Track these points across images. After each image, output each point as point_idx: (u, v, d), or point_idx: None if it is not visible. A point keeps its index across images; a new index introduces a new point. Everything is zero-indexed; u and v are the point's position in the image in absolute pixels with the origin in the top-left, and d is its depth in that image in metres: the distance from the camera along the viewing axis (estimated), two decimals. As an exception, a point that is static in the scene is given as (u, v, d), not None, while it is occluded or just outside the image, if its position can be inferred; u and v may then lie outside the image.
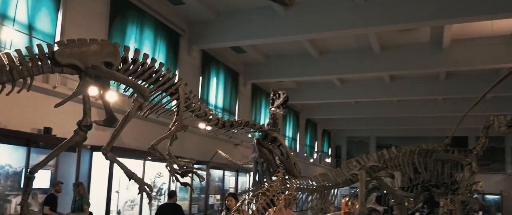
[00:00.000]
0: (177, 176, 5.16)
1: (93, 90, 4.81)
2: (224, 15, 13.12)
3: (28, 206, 4.48)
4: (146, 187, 4.51)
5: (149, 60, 5.02)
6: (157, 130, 6.48)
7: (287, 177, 6.82)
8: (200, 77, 14.32)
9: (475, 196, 13.72)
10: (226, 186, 14.77)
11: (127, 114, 4.66)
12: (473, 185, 11.40)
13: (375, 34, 13.83)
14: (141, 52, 5.02)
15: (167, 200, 8.26)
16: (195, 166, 5.78)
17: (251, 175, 11.64)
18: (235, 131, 6.61)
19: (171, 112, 5.59)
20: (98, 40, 4.54)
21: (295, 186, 7.36)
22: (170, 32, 12.59)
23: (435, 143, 8.88)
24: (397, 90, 19.44)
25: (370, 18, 11.58)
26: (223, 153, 13.00)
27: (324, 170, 18.38)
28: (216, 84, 15.43)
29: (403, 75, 18.75)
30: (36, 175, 4.49)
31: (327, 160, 31.10)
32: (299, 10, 12.18)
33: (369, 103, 23.34)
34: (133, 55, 4.89)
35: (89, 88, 4.51)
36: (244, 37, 13.18)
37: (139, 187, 4.50)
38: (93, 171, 9.24)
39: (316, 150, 28.23)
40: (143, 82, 5.01)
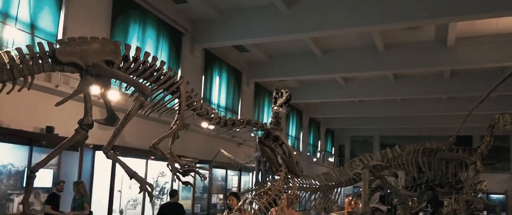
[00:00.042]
0: (179, 175, 5.14)
1: (94, 89, 4.80)
2: (226, 14, 13.08)
3: (29, 204, 4.46)
4: (147, 186, 4.50)
5: (150, 59, 5.00)
6: (160, 128, 6.46)
7: (289, 176, 6.78)
8: (202, 77, 14.28)
9: (480, 195, 13.63)
10: (229, 185, 14.75)
11: (128, 113, 4.64)
12: (478, 184, 11.32)
13: (379, 32, 13.74)
14: (143, 51, 5.01)
15: (169, 199, 8.26)
16: (197, 165, 5.76)
17: (254, 174, 11.63)
18: (237, 129, 6.57)
19: (173, 111, 5.56)
20: (99, 38, 4.52)
21: (297, 185, 7.30)
22: (172, 31, 12.56)
23: (440, 142, 8.79)
24: (401, 89, 19.32)
25: (374, 16, 11.49)
26: (225, 152, 12.99)
27: (327, 169, 18.34)
28: (218, 84, 15.40)
29: (407, 74, 18.64)
30: (38, 174, 4.49)
31: (330, 159, 31.02)
32: (302, 8, 12.12)
33: (373, 102, 23.23)
34: (134, 54, 4.86)
35: (90, 86, 4.49)
36: (247, 36, 13.12)
37: (140, 186, 4.49)
38: (95, 170, 9.23)
39: (319, 149, 28.16)
40: (144, 80, 4.98)
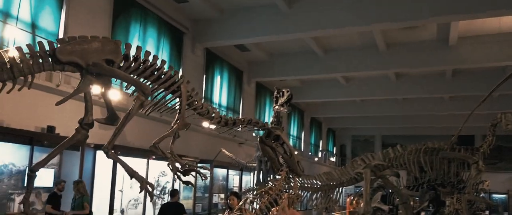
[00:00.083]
0: (179, 175, 5.13)
1: (95, 88, 4.78)
2: (228, 13, 13.06)
3: (30, 204, 4.45)
4: (147, 185, 4.49)
5: (151, 58, 4.99)
6: (161, 128, 6.44)
7: (290, 175, 6.76)
8: (204, 76, 14.27)
9: (482, 195, 13.59)
10: (230, 185, 14.74)
11: (128, 112, 4.63)
12: (480, 184, 11.27)
13: (380, 31, 13.69)
14: (144, 50, 4.99)
15: (169, 199, 8.25)
16: (198, 165, 5.74)
17: (255, 173, 11.60)
18: (238, 129, 6.56)
19: (174, 110, 5.55)
20: (99, 37, 4.50)
21: (298, 184, 7.28)
22: (173, 30, 12.55)
23: (441, 141, 8.75)
24: (403, 89, 19.26)
25: (375, 15, 11.46)
26: (227, 151, 12.98)
27: (328, 169, 18.30)
28: (220, 83, 15.38)
29: (409, 73, 18.59)
30: (39, 173, 4.49)
31: (332, 159, 30.99)
32: (303, 7, 12.10)
33: (374, 102, 23.18)
34: (135, 53, 4.85)
35: (90, 86, 4.48)
36: (248, 35, 13.10)
37: (141, 185, 4.48)
38: (96, 169, 9.23)
39: (320, 148, 28.13)
40: (145, 80, 4.97)
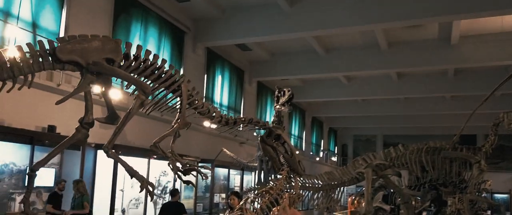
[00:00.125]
0: (180, 174, 5.11)
1: (96, 88, 4.77)
2: (229, 12, 13.04)
3: (30, 204, 4.44)
4: (148, 185, 4.48)
5: (151, 57, 4.97)
6: (162, 127, 6.43)
7: (291, 175, 6.73)
8: (205, 75, 14.26)
9: (484, 194, 13.55)
10: (231, 185, 14.72)
11: (128, 111, 4.62)
12: (482, 183, 11.23)
13: (382, 30, 13.65)
14: (144, 49, 4.97)
15: (170, 199, 8.24)
16: (199, 164, 5.72)
17: (256, 173, 11.58)
18: (239, 128, 6.54)
19: (174, 109, 5.53)
20: (99, 36, 4.49)
21: (299, 184, 7.25)
22: (174, 29, 12.53)
23: (443, 141, 8.71)
24: (405, 88, 19.20)
25: (376, 15, 11.41)
26: (228, 151, 12.95)
27: (330, 169, 18.27)
28: (221, 82, 15.36)
29: (411, 73, 18.54)
30: (40, 173, 4.48)
31: (333, 159, 30.94)
32: (304, 6, 12.06)
33: (376, 101, 23.12)
34: (135, 52, 4.84)
35: (90, 85, 4.47)
36: (249, 35, 13.07)
37: (141, 185, 4.47)
38: (97, 169, 9.22)
39: (322, 148, 28.09)
40: (145, 79, 4.96)
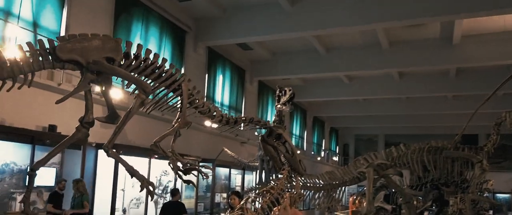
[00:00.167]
0: (180, 174, 5.10)
1: (96, 87, 4.75)
2: (230, 12, 13.02)
3: (30, 203, 4.43)
4: (148, 184, 4.47)
5: (152, 56, 4.96)
6: (163, 127, 6.40)
7: (292, 174, 6.71)
8: (206, 75, 14.24)
9: (486, 194, 13.48)
10: (232, 184, 14.70)
11: (129, 110, 4.61)
12: (484, 183, 11.17)
13: (383, 30, 13.62)
14: (144, 48, 4.95)
15: (170, 198, 8.23)
16: (200, 164, 5.71)
17: (257, 173, 11.55)
18: (240, 128, 6.52)
19: (175, 109, 5.51)
20: (99, 35, 4.48)
21: (301, 184, 7.23)
22: (175, 29, 12.52)
23: (445, 140, 8.68)
24: (406, 88, 19.15)
25: (377, 14, 11.38)
26: (229, 151, 12.93)
27: (331, 169, 18.22)
28: (222, 82, 15.34)
29: (412, 72, 18.48)
30: (41, 173, 4.48)
31: (335, 158, 30.90)
32: (305, 6, 12.03)
33: (378, 101, 23.07)
34: (136, 51, 4.82)
35: (90, 84, 4.46)
36: (250, 34, 13.06)
37: (141, 184, 4.46)
38: (98, 168, 9.22)
39: (323, 148, 28.05)
40: (146, 78, 4.95)
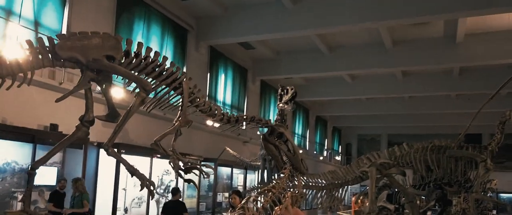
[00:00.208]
0: (181, 173, 5.06)
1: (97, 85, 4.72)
2: (232, 11, 12.97)
3: (30, 202, 4.40)
4: (148, 183, 4.44)
5: (152, 54, 4.92)
6: (165, 126, 6.35)
7: (294, 174, 6.66)
8: (208, 74, 14.20)
9: (489, 194, 13.40)
10: (234, 184, 14.67)
11: (129, 109, 4.57)
12: (487, 183, 11.09)
13: (387, 28, 13.54)
14: (144, 46, 4.92)
15: (171, 197, 8.21)
16: (202, 164, 5.67)
17: (259, 172, 11.52)
18: (243, 127, 6.48)
19: (176, 107, 5.48)
20: (100, 33, 4.46)
21: (302, 183, 7.18)
22: (177, 28, 12.49)
23: (448, 140, 8.60)
24: (409, 87, 19.05)
25: (381, 12, 11.31)
26: (231, 150, 12.91)
27: (333, 168, 18.16)
28: (224, 81, 15.30)
29: (416, 71, 18.39)
30: (42, 172, 4.46)
31: (337, 158, 30.82)
32: (308, 4, 11.98)
33: (381, 100, 22.98)
34: (136, 49, 4.79)
35: (90, 82, 4.43)
36: (252, 33, 13.01)
37: (142, 183, 4.43)
38: (100, 168, 9.20)
39: (326, 147, 27.97)
40: (146, 76, 4.91)
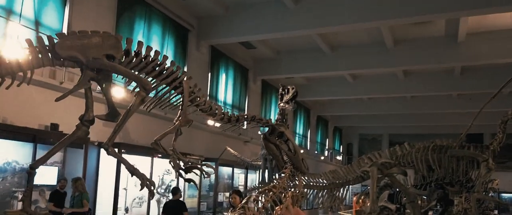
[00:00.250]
0: (181, 172, 5.05)
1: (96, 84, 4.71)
2: (233, 10, 12.95)
3: (30, 202, 4.39)
4: (148, 183, 4.43)
5: (152, 53, 4.91)
6: (166, 126, 6.33)
7: (295, 173, 6.64)
8: (209, 74, 14.18)
9: (491, 194, 13.36)
10: (235, 184, 14.65)
11: (129, 108, 4.56)
12: (489, 182, 11.06)
13: (388, 28, 13.51)
14: (144, 45, 4.91)
15: (171, 197, 8.20)
16: (203, 163, 5.66)
17: (260, 172, 11.50)
18: (244, 127, 6.46)
19: (177, 107, 5.46)
20: (99, 32, 4.45)
21: (303, 183, 7.16)
22: (178, 27, 12.47)
23: (450, 139, 8.57)
24: (411, 86, 19.01)
25: (382, 11, 11.27)
26: (232, 150, 12.90)
27: (335, 168, 18.13)
28: (225, 81, 15.28)
29: (417, 71, 18.34)
30: (43, 171, 4.45)
31: (339, 158, 30.79)
32: (309, 3, 11.95)
33: (382, 100, 22.93)
34: (136, 48, 4.78)
35: (90, 81, 4.42)
36: (253, 32, 12.99)
37: (142, 183, 4.42)
38: (100, 167, 9.19)
39: (327, 147, 27.94)
40: (146, 75, 4.90)
